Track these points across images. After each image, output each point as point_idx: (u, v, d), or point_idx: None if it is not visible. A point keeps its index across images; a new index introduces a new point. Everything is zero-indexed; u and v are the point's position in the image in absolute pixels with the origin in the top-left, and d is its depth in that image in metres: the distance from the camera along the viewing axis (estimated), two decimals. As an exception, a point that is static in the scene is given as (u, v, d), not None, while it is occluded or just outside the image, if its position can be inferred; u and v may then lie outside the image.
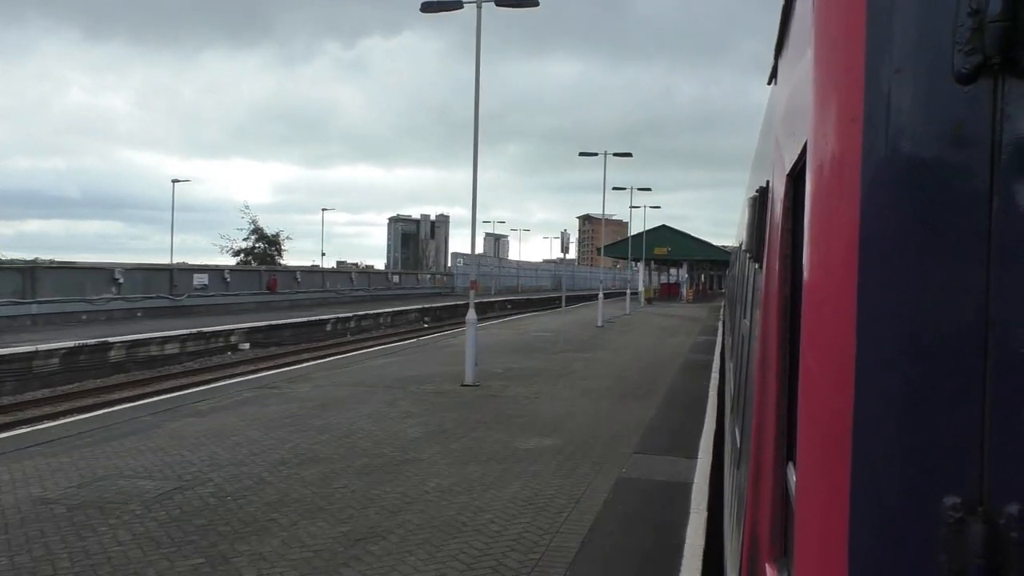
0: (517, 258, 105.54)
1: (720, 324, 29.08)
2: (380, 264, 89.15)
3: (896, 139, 0.93)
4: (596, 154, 35.80)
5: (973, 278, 0.88)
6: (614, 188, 45.20)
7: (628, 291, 45.17)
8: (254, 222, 61.40)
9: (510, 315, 43.10)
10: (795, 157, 1.56)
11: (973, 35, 0.87)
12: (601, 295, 34.86)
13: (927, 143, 0.91)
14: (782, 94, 2.16)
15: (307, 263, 76.24)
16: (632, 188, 46.84)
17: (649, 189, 48.20)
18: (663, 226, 63.63)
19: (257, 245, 60.71)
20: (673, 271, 74.64)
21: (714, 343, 23.60)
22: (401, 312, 41.20)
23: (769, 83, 3.04)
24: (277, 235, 62.92)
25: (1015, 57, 0.85)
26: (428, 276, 72.46)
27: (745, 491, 2.40)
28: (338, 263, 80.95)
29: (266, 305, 39.11)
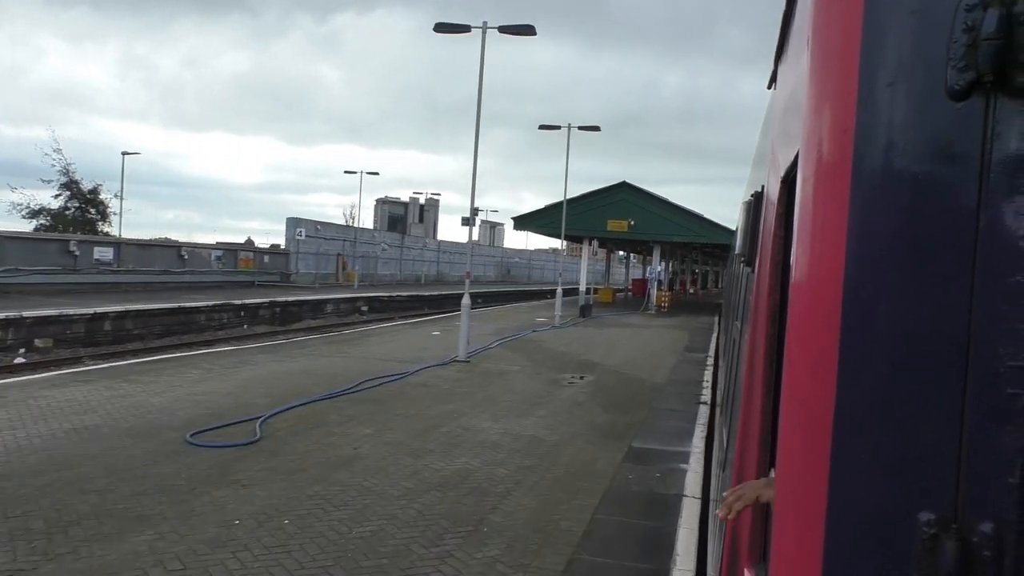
0: (520, 247, 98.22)
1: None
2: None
3: (887, 152, 0.93)
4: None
5: (957, 294, 0.88)
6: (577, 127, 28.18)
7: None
8: (66, 171, 39.61)
9: (291, 336, 22.56)
10: (789, 163, 1.56)
11: (967, 52, 0.87)
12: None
13: (917, 157, 0.91)
14: (780, 99, 2.15)
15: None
16: (568, 126, 28.15)
17: (598, 128, 29.69)
18: (623, 184, 36.30)
19: (70, 205, 40.45)
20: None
21: None
22: None
23: (769, 87, 3.04)
24: (96, 190, 40.74)
25: (1008, 75, 0.85)
26: (215, 254, 37.98)
27: None
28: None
29: None
